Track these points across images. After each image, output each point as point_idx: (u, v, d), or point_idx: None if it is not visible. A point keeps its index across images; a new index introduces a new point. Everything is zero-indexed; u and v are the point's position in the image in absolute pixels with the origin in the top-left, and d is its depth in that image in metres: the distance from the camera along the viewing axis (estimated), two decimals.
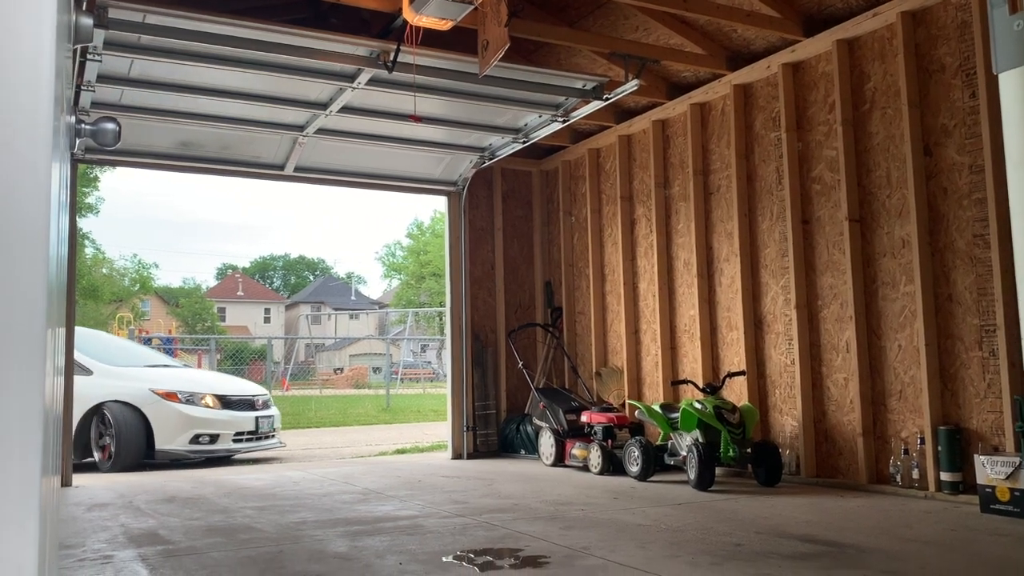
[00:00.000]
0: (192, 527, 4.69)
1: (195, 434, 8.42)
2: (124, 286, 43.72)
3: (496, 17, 5.21)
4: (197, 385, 8.95)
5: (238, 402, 8.97)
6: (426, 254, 47.57)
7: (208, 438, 8.50)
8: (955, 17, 5.36)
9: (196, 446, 8.44)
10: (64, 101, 1.76)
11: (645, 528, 4.45)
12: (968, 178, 5.26)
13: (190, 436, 8.40)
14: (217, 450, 8.63)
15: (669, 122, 7.73)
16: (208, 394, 8.75)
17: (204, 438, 8.47)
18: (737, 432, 5.97)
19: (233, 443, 8.75)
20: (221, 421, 8.63)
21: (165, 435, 8.31)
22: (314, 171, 8.31)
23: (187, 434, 8.40)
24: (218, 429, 8.58)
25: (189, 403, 8.55)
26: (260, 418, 9.03)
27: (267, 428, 9.12)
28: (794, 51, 6.33)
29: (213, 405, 8.70)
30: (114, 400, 8.29)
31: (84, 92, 5.81)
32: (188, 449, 8.41)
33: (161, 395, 8.45)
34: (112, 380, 8.50)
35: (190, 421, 8.44)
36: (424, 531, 4.45)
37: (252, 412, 9.04)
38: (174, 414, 8.41)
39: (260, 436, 9.03)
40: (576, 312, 8.94)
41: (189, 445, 8.40)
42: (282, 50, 5.78)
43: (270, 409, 9.38)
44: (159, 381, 8.74)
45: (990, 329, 5.10)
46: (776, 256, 6.58)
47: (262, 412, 9.16)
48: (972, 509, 4.81)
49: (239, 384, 10.12)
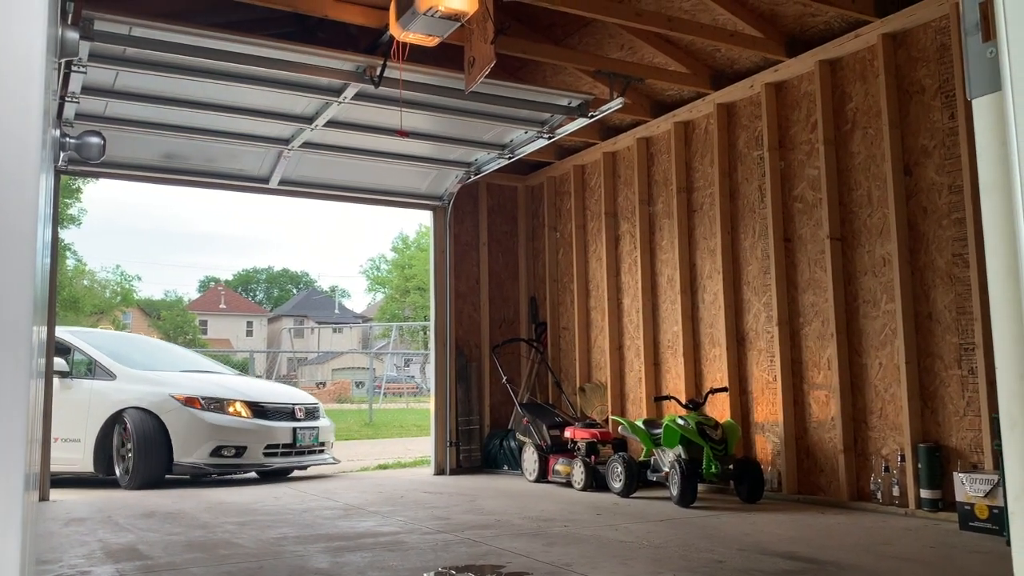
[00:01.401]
0: (171, 542, 4.65)
1: (217, 445, 7.50)
2: (105, 298, 43.38)
3: (482, 34, 5.25)
4: (226, 391, 7.98)
5: (273, 411, 8.05)
6: (411, 268, 47.53)
7: (233, 450, 7.57)
8: (935, 40, 5.44)
9: (218, 459, 7.52)
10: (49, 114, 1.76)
11: (627, 545, 4.46)
12: (947, 198, 5.33)
13: (211, 448, 7.49)
14: (244, 464, 7.71)
15: (653, 140, 7.79)
16: (237, 401, 7.82)
17: (228, 450, 7.56)
18: (719, 448, 5.99)
19: (264, 457, 7.79)
20: (249, 431, 7.69)
21: (184, 446, 7.42)
22: (299, 184, 8.30)
23: (207, 445, 7.49)
24: (245, 440, 7.65)
25: (213, 410, 7.61)
26: (300, 429, 8.08)
27: (308, 441, 8.14)
28: (777, 71, 6.40)
29: (242, 413, 7.77)
30: (134, 407, 7.50)
31: (68, 104, 5.79)
32: (209, 463, 7.49)
33: (181, 401, 7.55)
34: (134, 385, 7.73)
35: (211, 430, 7.51)
36: (406, 547, 4.43)
37: (289, 423, 8.07)
38: (193, 422, 7.48)
39: (301, 450, 8.07)
40: (560, 327, 8.96)
41: (210, 458, 7.48)
42: (268, 64, 5.79)
43: (316, 420, 8.43)
44: (182, 385, 7.82)
45: (969, 348, 5.16)
46: (758, 273, 6.63)
47: (303, 423, 8.19)
48: (951, 527, 4.85)
49: (281, 391, 9.12)
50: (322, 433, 8.38)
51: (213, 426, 7.52)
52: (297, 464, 8.17)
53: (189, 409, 7.51)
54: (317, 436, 8.25)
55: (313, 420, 8.34)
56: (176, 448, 7.38)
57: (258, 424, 7.78)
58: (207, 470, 7.59)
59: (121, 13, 5.15)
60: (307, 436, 8.11)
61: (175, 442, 7.39)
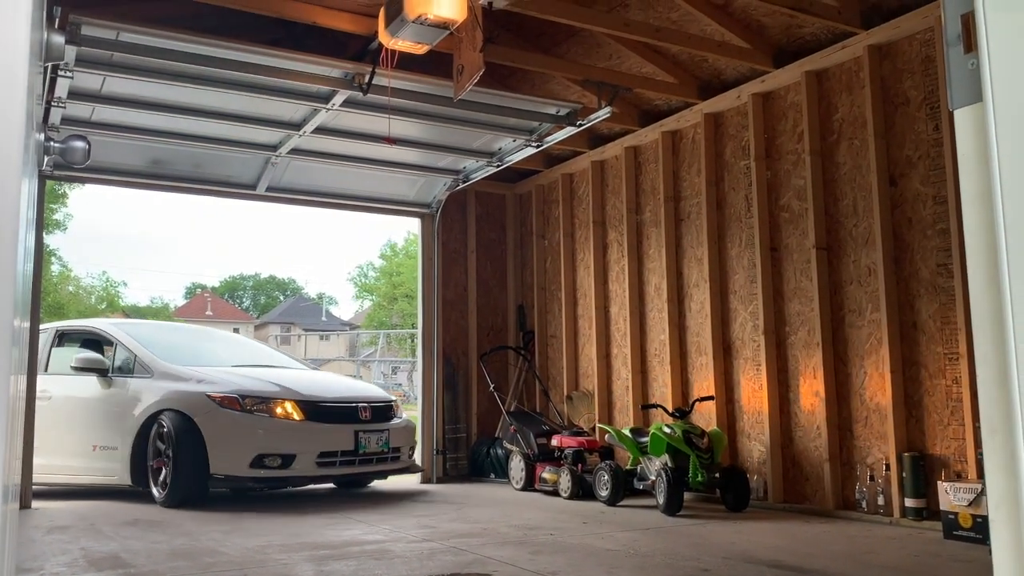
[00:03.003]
0: (155, 550, 4.61)
1: (258, 454, 6.29)
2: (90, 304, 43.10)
3: (471, 42, 5.26)
4: (275, 387, 6.76)
5: (331, 411, 6.78)
6: (399, 275, 47.44)
7: (278, 460, 6.34)
8: (920, 52, 5.49)
9: (261, 471, 6.29)
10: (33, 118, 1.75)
11: (613, 553, 4.45)
12: (932, 208, 5.37)
13: (251, 456, 6.27)
14: (292, 476, 6.50)
15: (641, 149, 7.82)
16: (285, 399, 6.58)
17: (272, 460, 6.32)
18: (706, 457, 6.00)
19: (318, 467, 6.52)
20: (298, 436, 6.48)
21: (220, 454, 6.29)
22: (287, 191, 8.28)
23: (247, 453, 6.28)
24: (293, 447, 6.41)
25: (255, 411, 6.43)
26: (363, 433, 6.75)
27: (375, 446, 6.80)
28: (764, 81, 6.44)
29: (292, 414, 6.55)
30: (169, 409, 6.47)
31: (54, 108, 5.77)
32: (248, 475, 6.29)
33: (217, 400, 6.40)
34: (170, 383, 6.69)
35: (252, 435, 6.33)
36: (391, 556, 4.41)
37: (351, 424, 6.76)
38: (231, 426, 6.34)
39: (366, 457, 6.77)
40: (548, 335, 8.96)
41: (251, 470, 6.27)
42: (256, 70, 5.78)
43: (386, 420, 7.10)
44: (220, 383, 6.65)
45: (953, 357, 5.19)
46: (745, 282, 6.66)
47: (368, 424, 6.86)
48: (935, 535, 4.87)
49: (345, 386, 7.87)
50: (395, 436, 7.05)
51: (254, 430, 6.36)
52: (359, 474, 6.99)
53: (226, 410, 6.38)
54: (387, 440, 6.93)
55: (382, 421, 7.05)
56: (212, 457, 6.27)
57: (310, 427, 6.56)
58: (247, 483, 6.44)
59: (108, 18, 5.14)
60: (373, 441, 6.80)
61: (210, 450, 6.27)
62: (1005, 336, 1.12)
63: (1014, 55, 1.16)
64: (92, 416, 7.00)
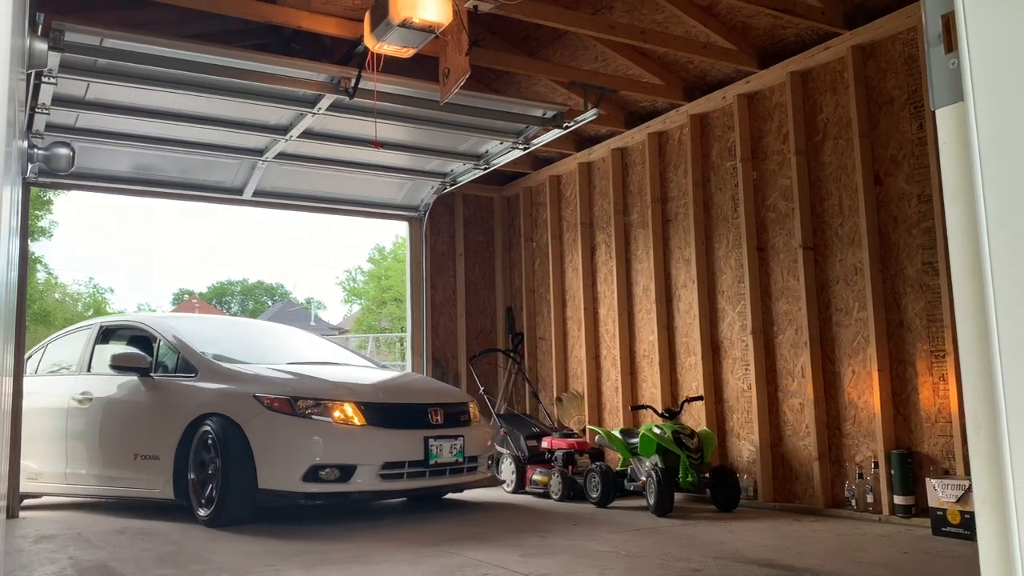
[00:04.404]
0: (143, 558, 4.58)
1: (312, 465, 5.42)
2: (77, 311, 42.82)
3: (457, 46, 5.26)
4: (332, 387, 5.91)
5: (397, 414, 5.89)
6: (387, 279, 47.33)
7: (336, 472, 5.47)
8: (903, 52, 5.53)
9: (315, 485, 5.43)
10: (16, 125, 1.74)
11: (604, 554, 4.45)
12: (917, 207, 5.41)
13: (304, 468, 5.40)
14: (351, 492, 5.57)
15: (628, 150, 7.84)
16: (344, 402, 5.70)
17: (328, 472, 5.45)
18: (695, 457, 6.01)
19: (382, 480, 5.63)
20: (358, 444, 5.61)
21: (269, 465, 5.46)
22: (274, 196, 8.26)
23: (300, 465, 5.41)
24: (353, 457, 5.54)
25: (308, 414, 5.55)
26: (435, 440, 5.86)
27: (448, 455, 5.92)
28: (749, 82, 6.47)
29: (352, 419, 5.65)
30: (213, 413, 5.69)
31: (38, 115, 5.73)
32: (303, 490, 5.42)
33: (265, 403, 5.57)
34: (217, 383, 5.89)
35: (304, 444, 5.45)
36: (379, 559, 4.40)
37: (420, 429, 5.88)
38: (281, 432, 5.48)
39: (438, 468, 5.88)
40: (537, 338, 8.96)
41: (304, 484, 5.41)
42: (242, 75, 5.77)
43: (464, 424, 6.23)
44: (269, 382, 5.83)
45: (939, 355, 5.23)
46: (732, 283, 6.68)
47: (442, 429, 5.98)
48: (924, 532, 4.90)
49: (417, 384, 6.95)
50: (471, 443, 6.12)
51: (308, 438, 5.47)
52: (429, 488, 6.03)
53: (276, 414, 5.53)
54: (462, 448, 6.01)
55: (456, 425, 6.13)
56: (260, 468, 5.45)
57: (372, 433, 5.67)
58: (300, 500, 5.49)
59: (92, 24, 5.12)
60: (445, 449, 5.91)
61: (258, 460, 5.46)
62: (988, 332, 1.13)
63: (994, 54, 1.17)
64: (133, 421, 6.28)
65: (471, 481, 6.23)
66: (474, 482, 6.28)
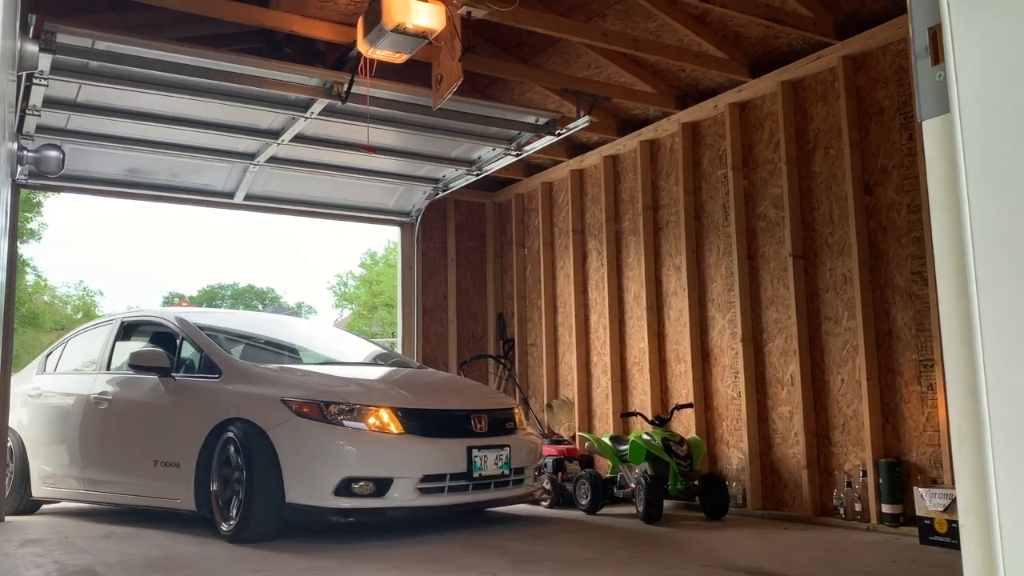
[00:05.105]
0: (130, 562, 4.55)
1: (345, 478, 4.88)
2: (66, 313, 42.59)
3: (450, 52, 5.27)
4: (366, 391, 5.37)
5: (437, 421, 5.34)
6: (379, 284, 47.25)
7: (370, 485, 4.92)
8: (893, 63, 5.57)
9: (348, 500, 4.89)
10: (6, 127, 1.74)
11: (593, 562, 4.45)
12: (906, 217, 5.44)
13: (335, 481, 4.87)
14: (386, 508, 5.01)
15: (620, 158, 7.86)
16: (379, 407, 5.16)
17: (362, 485, 4.91)
18: (685, 464, 6.02)
19: (421, 494, 5.07)
20: (395, 455, 5.06)
21: (297, 477, 4.94)
22: (265, 200, 8.25)
23: (331, 477, 4.88)
24: (389, 469, 4.99)
25: (340, 420, 5.03)
26: (478, 450, 5.30)
27: (493, 467, 5.35)
28: (741, 91, 6.50)
29: (389, 426, 5.11)
30: (237, 418, 5.20)
31: (29, 117, 5.72)
32: (334, 505, 4.88)
33: (294, 407, 5.06)
34: (243, 385, 5.40)
35: (336, 453, 4.94)
36: (368, 564, 4.38)
37: (463, 438, 5.33)
38: (310, 441, 4.97)
39: (482, 482, 5.32)
40: (528, 344, 8.96)
41: (336, 498, 4.87)
42: (234, 79, 5.77)
43: (510, 432, 5.68)
44: (299, 385, 5.32)
45: (928, 364, 5.25)
46: (723, 291, 6.70)
47: (487, 438, 5.43)
48: (912, 541, 4.91)
49: (458, 388, 6.27)
50: (517, 454, 5.55)
51: (340, 447, 4.96)
52: (472, 504, 5.45)
53: (305, 420, 5.02)
54: (508, 459, 5.45)
55: (502, 434, 5.60)
56: (287, 480, 4.95)
57: (411, 442, 5.13)
58: (330, 516, 4.92)
59: (84, 26, 5.11)
60: (490, 460, 5.35)
61: (285, 472, 4.95)
62: (973, 342, 1.13)
63: (980, 67, 1.18)
64: (153, 425, 5.80)
65: (518, 496, 5.68)
66: (520, 496, 5.73)
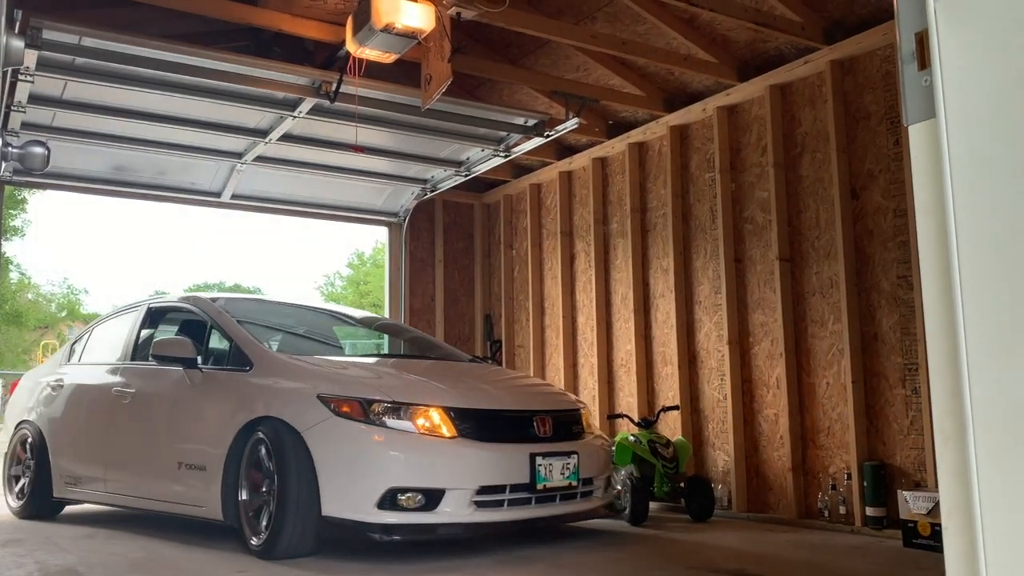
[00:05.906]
0: (113, 563, 4.52)
1: (390, 488, 4.20)
2: (50, 312, 42.25)
3: (439, 52, 5.26)
4: (415, 387, 4.68)
5: (495, 424, 4.61)
6: (366, 284, 47.12)
7: (419, 497, 4.24)
8: (880, 68, 5.60)
9: (394, 514, 4.21)
10: None
11: (579, 564, 4.45)
12: (892, 221, 5.47)
13: (379, 492, 4.19)
14: (437, 523, 4.28)
15: (608, 160, 7.87)
16: (429, 406, 4.47)
17: (409, 498, 4.22)
18: (671, 466, 6.03)
19: (476, 508, 4.35)
20: (446, 462, 4.36)
21: (336, 487, 4.27)
22: (253, 199, 8.22)
23: (375, 488, 4.21)
24: (439, 479, 4.29)
25: (384, 421, 4.37)
26: (543, 457, 4.57)
27: (559, 478, 4.62)
28: (729, 95, 6.52)
29: (440, 428, 4.43)
30: (267, 416, 4.56)
31: (14, 113, 5.67)
32: (379, 520, 4.19)
33: (333, 406, 4.39)
34: (275, 380, 4.74)
35: (379, 460, 4.28)
36: (353, 570, 4.36)
37: (525, 444, 4.60)
38: (350, 445, 4.30)
39: (546, 494, 4.59)
40: (516, 345, 8.96)
41: (379, 512, 4.19)
42: (222, 77, 5.74)
43: (578, 437, 4.96)
44: (339, 380, 4.65)
45: (912, 368, 5.28)
46: (710, 293, 6.72)
47: (551, 444, 4.71)
48: (895, 544, 4.94)
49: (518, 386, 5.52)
50: (586, 462, 4.82)
51: (384, 453, 4.30)
52: (534, 520, 4.63)
53: (345, 421, 4.35)
54: (576, 468, 4.73)
55: (568, 438, 4.87)
56: (324, 490, 4.28)
57: (465, 448, 4.42)
58: (374, 532, 4.22)
59: (71, 22, 5.08)
60: (556, 469, 4.62)
61: (322, 480, 4.29)
62: (957, 346, 1.14)
63: (966, 72, 1.19)
64: (178, 422, 5.20)
65: (585, 510, 4.94)
66: (588, 511, 4.96)
